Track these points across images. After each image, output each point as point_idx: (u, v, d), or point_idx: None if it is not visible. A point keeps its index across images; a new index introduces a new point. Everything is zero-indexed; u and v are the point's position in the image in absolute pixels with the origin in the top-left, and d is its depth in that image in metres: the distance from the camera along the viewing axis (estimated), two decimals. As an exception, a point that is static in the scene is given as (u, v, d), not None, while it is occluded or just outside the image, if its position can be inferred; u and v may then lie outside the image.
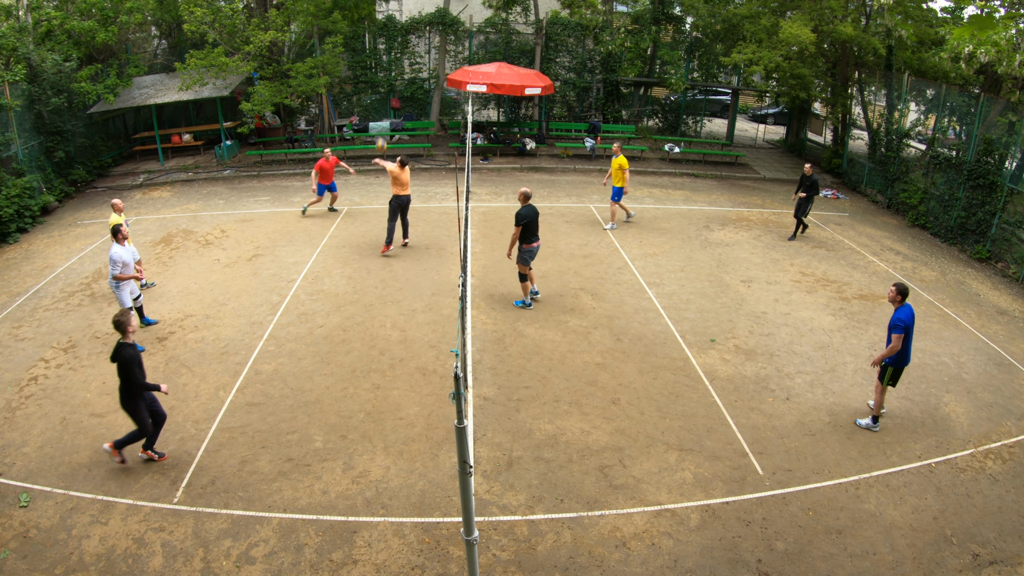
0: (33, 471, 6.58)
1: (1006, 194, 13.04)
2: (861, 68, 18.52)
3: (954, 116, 15.85)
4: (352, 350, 8.81)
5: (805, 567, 5.74)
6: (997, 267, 13.03)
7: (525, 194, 9.67)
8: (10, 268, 11.45)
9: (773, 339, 9.44)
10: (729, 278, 11.39)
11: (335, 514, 6.15)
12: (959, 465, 7.13)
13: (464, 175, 9.48)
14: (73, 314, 9.73)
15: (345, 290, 10.51)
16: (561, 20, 20.58)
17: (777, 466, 6.94)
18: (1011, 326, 10.43)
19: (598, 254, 12.25)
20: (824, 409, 7.91)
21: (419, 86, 20.90)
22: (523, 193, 9.67)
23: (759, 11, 17.78)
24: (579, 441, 7.19)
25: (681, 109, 23.06)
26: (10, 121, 13.65)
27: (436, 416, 7.52)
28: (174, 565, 5.56)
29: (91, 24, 16.13)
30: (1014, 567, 5.83)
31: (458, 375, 3.32)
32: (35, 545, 5.74)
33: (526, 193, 9.68)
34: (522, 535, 5.97)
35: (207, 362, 8.50)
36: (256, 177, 17.13)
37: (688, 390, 8.18)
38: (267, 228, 13.22)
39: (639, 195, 16.22)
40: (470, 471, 3.63)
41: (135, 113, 19.07)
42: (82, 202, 15.27)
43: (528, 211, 9.51)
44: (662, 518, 6.22)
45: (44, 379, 8.11)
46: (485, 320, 9.67)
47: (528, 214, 9.50)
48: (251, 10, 18.74)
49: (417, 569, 5.60)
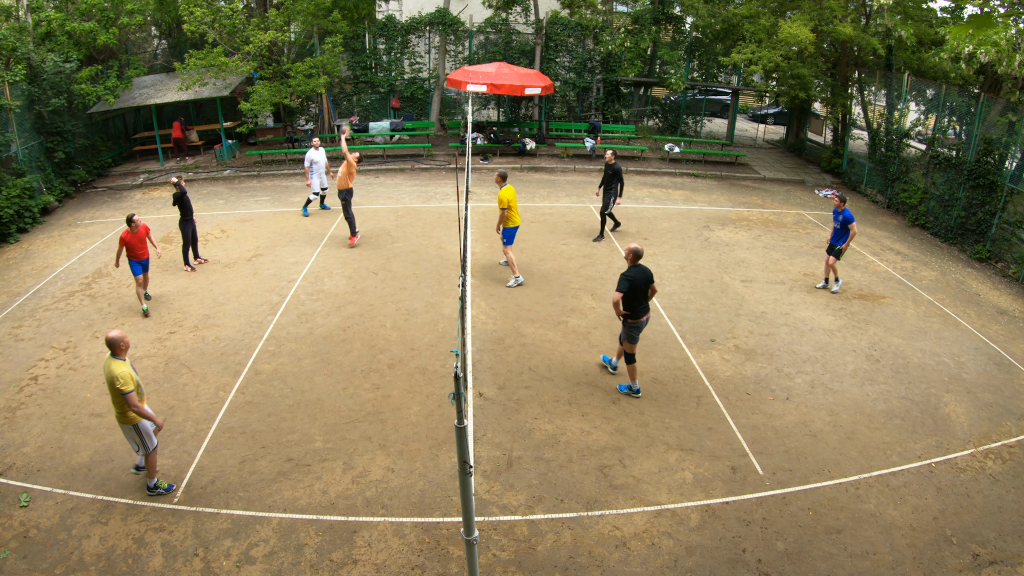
0: (33, 471, 6.58)
1: (1006, 194, 13.04)
2: (861, 68, 18.52)
3: (954, 116, 15.85)
4: (352, 350, 8.81)
5: (805, 567, 5.74)
6: (997, 267, 13.03)
7: (635, 252, 7.53)
8: (10, 268, 11.45)
9: (773, 339, 9.44)
10: (729, 278, 11.39)
11: (335, 514, 6.15)
12: (959, 465, 7.13)
13: (464, 175, 9.48)
14: (73, 314, 9.73)
15: (345, 290, 10.51)
16: (561, 20, 20.59)
17: (777, 466, 6.94)
18: (1011, 326, 10.43)
19: (598, 254, 12.25)
20: (824, 409, 7.91)
21: (419, 86, 20.90)
22: (632, 251, 7.55)
23: (759, 11, 17.78)
24: (579, 441, 7.19)
25: (681, 109, 23.06)
26: (10, 121, 13.65)
27: (436, 416, 7.52)
28: (174, 565, 5.56)
29: (92, 25, 16.14)
30: (1014, 567, 5.83)
31: (458, 375, 3.32)
32: (35, 545, 5.74)
33: (635, 251, 7.53)
34: (522, 535, 5.97)
35: (207, 362, 8.50)
36: (256, 177, 17.13)
37: (688, 390, 8.18)
38: (267, 228, 13.22)
39: (639, 195, 16.22)
40: (470, 471, 3.63)
41: (135, 113, 19.08)
42: (82, 202, 15.27)
43: (636, 273, 7.46)
44: (662, 518, 6.22)
45: (44, 379, 8.11)
46: (485, 320, 9.66)
47: (635, 277, 7.45)
48: (251, 10, 18.75)
49: (417, 569, 5.60)
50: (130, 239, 9.42)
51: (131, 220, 9.46)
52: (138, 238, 9.48)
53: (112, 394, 5.92)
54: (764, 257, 12.46)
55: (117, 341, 5.89)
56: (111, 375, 5.82)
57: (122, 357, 5.95)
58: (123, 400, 5.87)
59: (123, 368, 5.87)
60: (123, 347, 5.94)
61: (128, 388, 5.84)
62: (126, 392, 5.82)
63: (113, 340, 5.88)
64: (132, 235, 9.43)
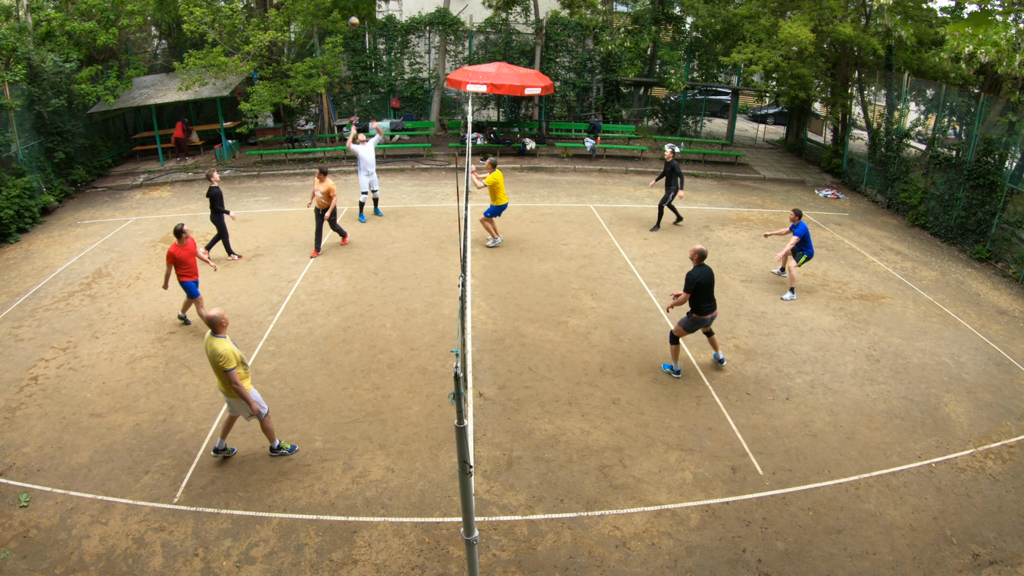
0: (33, 471, 6.58)
1: (1006, 194, 13.04)
2: (861, 68, 18.52)
3: (954, 116, 15.85)
4: (352, 350, 8.81)
5: (805, 567, 5.74)
6: (997, 267, 13.03)
7: (699, 252, 7.93)
8: (10, 268, 11.45)
9: (773, 339, 9.44)
10: (729, 278, 11.38)
11: (335, 514, 6.15)
12: (959, 465, 7.13)
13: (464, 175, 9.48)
14: (73, 314, 9.72)
15: (345, 290, 10.51)
16: (561, 20, 20.59)
17: (777, 466, 6.94)
18: (1011, 326, 10.43)
19: (598, 254, 12.25)
20: (824, 409, 7.91)
21: (419, 86, 20.91)
22: (697, 251, 7.94)
23: (759, 11, 17.78)
24: (579, 441, 7.19)
25: (681, 109, 23.06)
26: (10, 121, 13.65)
27: (436, 416, 7.52)
28: (174, 565, 5.56)
29: (92, 25, 16.14)
30: (1014, 567, 5.83)
31: (458, 375, 3.32)
32: (35, 545, 5.74)
33: (700, 252, 7.93)
34: (522, 535, 5.97)
35: (207, 362, 8.48)
36: (256, 177, 17.13)
37: (688, 390, 8.18)
38: (267, 228, 13.22)
39: (639, 195, 16.23)
40: (470, 471, 3.63)
41: (135, 113, 19.08)
42: (82, 202, 15.27)
43: (700, 273, 7.86)
44: (662, 518, 6.22)
45: (44, 379, 8.11)
46: (485, 320, 9.66)
47: (700, 276, 7.85)
48: (251, 10, 18.75)
49: (417, 569, 5.60)
50: (180, 253, 8.43)
51: (181, 231, 8.40)
52: (188, 251, 8.48)
53: (215, 371, 6.17)
54: (764, 257, 12.46)
55: (217, 319, 6.10)
56: (213, 353, 6.06)
57: (222, 335, 6.14)
58: (227, 377, 6.09)
59: (225, 346, 6.08)
60: (222, 325, 6.14)
61: (230, 365, 6.05)
62: (228, 370, 6.04)
63: (213, 319, 6.10)
64: (182, 248, 8.44)
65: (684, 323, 8.15)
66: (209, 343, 6.11)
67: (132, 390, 7.89)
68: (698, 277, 7.83)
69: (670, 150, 13.41)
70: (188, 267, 8.65)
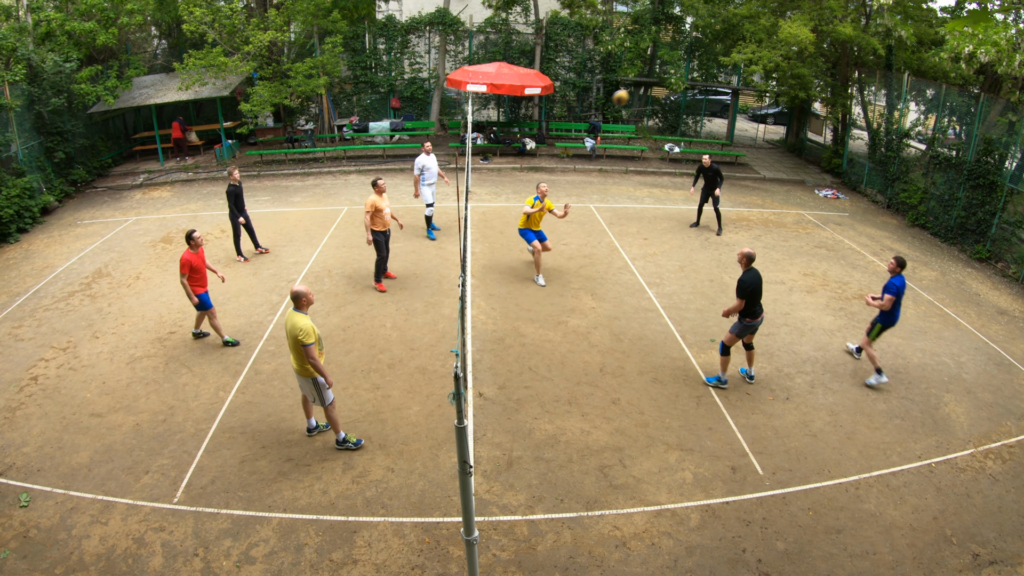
0: (33, 471, 6.58)
1: (1006, 194, 13.04)
2: (861, 68, 18.52)
3: (954, 116, 15.85)
4: (352, 350, 8.81)
5: (805, 567, 5.74)
6: (997, 267, 13.03)
7: (748, 256, 7.80)
8: (10, 268, 11.45)
9: (773, 339, 9.44)
10: (729, 278, 11.38)
11: (335, 514, 6.15)
12: (959, 465, 7.13)
13: (464, 175, 9.48)
14: (73, 314, 9.72)
15: (345, 290, 10.51)
16: (561, 20, 20.58)
17: (777, 466, 6.94)
18: (1011, 326, 10.43)
19: (598, 254, 12.25)
20: (824, 409, 7.91)
21: (419, 86, 20.90)
22: (745, 255, 7.81)
23: (759, 11, 17.78)
24: (579, 441, 7.19)
25: (681, 109, 23.06)
26: (10, 121, 13.65)
27: (436, 416, 7.52)
28: (174, 565, 5.56)
29: (91, 25, 16.14)
30: (1014, 567, 5.83)
31: (458, 375, 3.32)
32: (35, 545, 5.74)
33: (748, 255, 7.80)
34: (522, 535, 5.97)
35: (207, 362, 8.49)
36: (256, 177, 17.12)
37: (688, 390, 8.18)
38: (267, 228, 13.21)
39: (639, 195, 16.23)
40: (470, 471, 3.63)
41: (135, 113, 19.08)
42: (82, 202, 15.27)
43: (751, 277, 7.70)
44: (662, 518, 6.22)
45: (44, 379, 8.11)
46: (485, 320, 9.66)
47: (751, 281, 7.69)
48: (251, 10, 18.74)
49: (417, 569, 5.60)
50: (194, 260, 8.25)
51: (192, 237, 8.25)
52: (200, 258, 8.34)
53: (291, 345, 6.31)
54: (764, 257, 12.46)
55: (301, 295, 6.30)
56: (293, 327, 6.19)
57: (304, 311, 6.30)
58: (304, 352, 6.20)
59: (305, 321, 6.23)
60: (306, 302, 6.32)
61: (309, 340, 6.18)
62: (307, 344, 6.16)
63: (297, 294, 6.30)
64: (195, 255, 8.27)
65: (735, 329, 7.95)
66: (290, 318, 6.28)
67: (132, 390, 7.89)
68: (750, 282, 7.65)
69: (708, 157, 13.34)
70: (201, 276, 8.40)
